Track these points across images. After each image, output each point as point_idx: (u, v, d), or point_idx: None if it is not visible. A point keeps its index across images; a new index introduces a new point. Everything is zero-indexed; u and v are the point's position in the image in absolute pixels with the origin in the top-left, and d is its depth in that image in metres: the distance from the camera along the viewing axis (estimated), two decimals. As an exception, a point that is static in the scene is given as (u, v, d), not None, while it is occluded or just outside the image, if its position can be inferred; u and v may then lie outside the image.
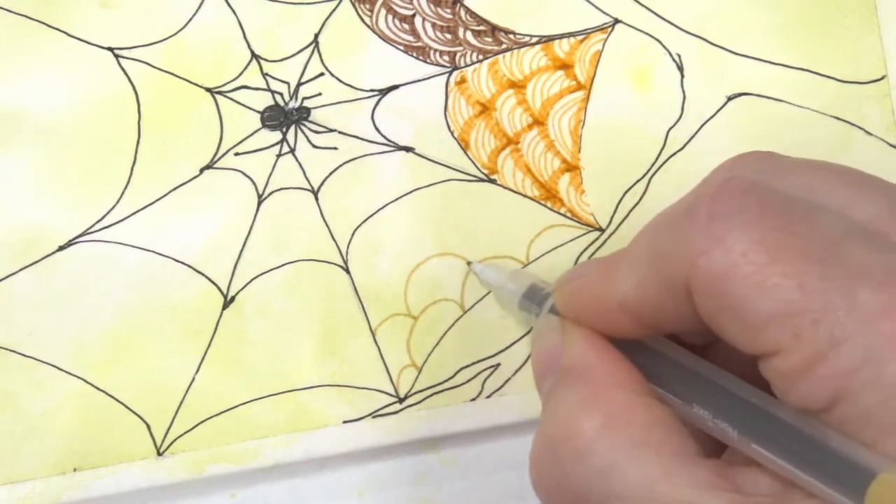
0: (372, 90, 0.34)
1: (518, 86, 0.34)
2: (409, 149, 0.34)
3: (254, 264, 0.33)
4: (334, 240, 0.34)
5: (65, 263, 0.33)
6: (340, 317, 0.33)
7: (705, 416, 0.21)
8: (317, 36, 0.34)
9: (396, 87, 0.34)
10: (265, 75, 0.34)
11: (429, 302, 0.34)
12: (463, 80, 0.34)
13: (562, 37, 0.35)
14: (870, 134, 0.35)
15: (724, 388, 0.21)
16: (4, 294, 0.33)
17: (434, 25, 0.34)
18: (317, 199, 0.34)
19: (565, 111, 0.34)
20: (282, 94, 0.34)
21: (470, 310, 0.34)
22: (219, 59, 0.34)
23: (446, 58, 0.34)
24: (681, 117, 0.35)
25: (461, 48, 0.34)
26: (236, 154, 0.34)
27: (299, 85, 0.34)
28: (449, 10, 0.34)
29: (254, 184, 0.34)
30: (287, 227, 0.34)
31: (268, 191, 0.34)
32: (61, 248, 0.33)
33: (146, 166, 0.33)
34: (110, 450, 0.33)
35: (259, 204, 0.34)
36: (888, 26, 0.35)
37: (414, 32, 0.34)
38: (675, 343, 0.23)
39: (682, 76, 0.35)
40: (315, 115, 0.34)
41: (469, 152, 0.34)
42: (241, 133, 0.34)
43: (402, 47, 0.34)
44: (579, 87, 0.34)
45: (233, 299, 0.33)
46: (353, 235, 0.34)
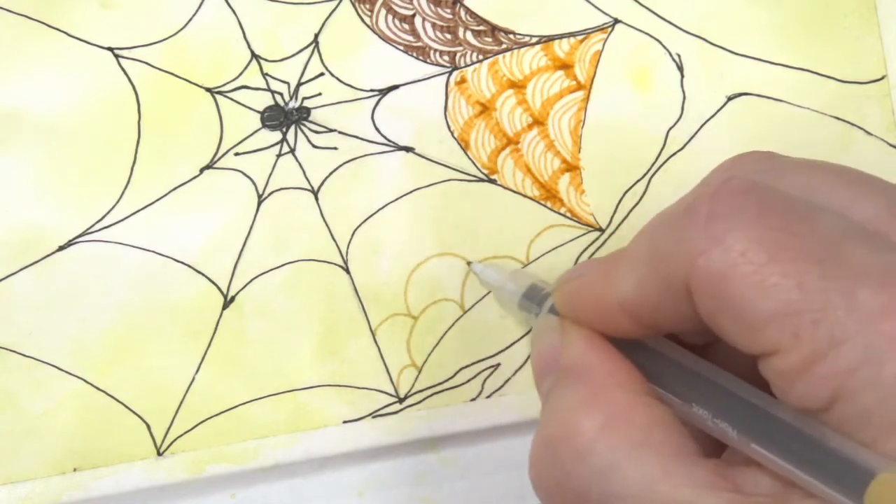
0: (372, 90, 0.34)
1: (518, 86, 0.34)
2: (409, 149, 0.34)
3: (254, 264, 0.33)
4: (334, 240, 0.34)
5: (65, 263, 0.33)
6: (340, 317, 0.33)
7: (705, 416, 0.21)
8: (317, 36, 0.34)
9: (396, 87, 0.34)
10: (265, 75, 0.34)
11: (429, 302, 0.34)
12: (463, 80, 0.34)
13: (562, 37, 0.35)
14: (870, 134, 0.35)
15: (724, 387, 0.21)
16: (4, 294, 0.33)
17: (434, 25, 0.34)
18: (317, 199, 0.34)
19: (565, 111, 0.34)
20: (282, 94, 0.34)
21: (470, 310, 0.34)
22: (219, 59, 0.34)
23: (446, 58, 0.34)
24: (681, 117, 0.35)
25: (461, 48, 0.34)
26: (236, 154, 0.34)
27: (299, 85, 0.34)
28: (449, 10, 0.34)
29: (254, 184, 0.34)
30: (287, 227, 0.34)
31: (268, 191, 0.34)
32: (61, 248, 0.33)
33: (146, 166, 0.33)
34: (110, 450, 0.33)
35: (259, 204, 0.34)
36: (888, 26, 0.35)
37: (414, 32, 0.34)
38: (675, 343, 0.23)
39: (682, 76, 0.35)
40: (315, 115, 0.34)
41: (469, 152, 0.34)
42: (241, 133, 0.34)
43: (402, 47, 0.34)
44: (579, 87, 0.34)
45: (233, 299, 0.33)
46: (353, 235, 0.34)
